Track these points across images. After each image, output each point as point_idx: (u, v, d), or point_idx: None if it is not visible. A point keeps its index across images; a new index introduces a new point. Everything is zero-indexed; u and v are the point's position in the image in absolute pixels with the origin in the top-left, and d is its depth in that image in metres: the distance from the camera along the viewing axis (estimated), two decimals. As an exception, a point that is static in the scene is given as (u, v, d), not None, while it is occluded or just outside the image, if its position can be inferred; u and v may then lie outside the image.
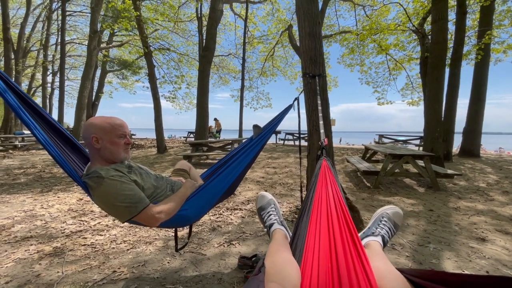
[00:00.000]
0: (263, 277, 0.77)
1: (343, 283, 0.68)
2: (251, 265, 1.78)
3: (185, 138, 16.31)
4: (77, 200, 3.52)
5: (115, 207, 1.12)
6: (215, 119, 14.64)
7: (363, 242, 1.02)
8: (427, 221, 2.79)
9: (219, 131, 14.45)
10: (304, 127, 2.67)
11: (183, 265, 1.86)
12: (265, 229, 1.22)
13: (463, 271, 1.81)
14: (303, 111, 2.60)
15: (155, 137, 9.69)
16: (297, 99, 2.07)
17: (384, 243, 1.03)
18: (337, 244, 0.80)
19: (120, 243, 2.22)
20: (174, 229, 1.79)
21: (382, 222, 1.10)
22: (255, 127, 1.78)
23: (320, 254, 0.79)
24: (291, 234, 1.08)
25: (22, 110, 1.10)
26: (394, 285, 0.68)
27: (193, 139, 12.27)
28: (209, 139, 9.84)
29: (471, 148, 7.77)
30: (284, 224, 1.20)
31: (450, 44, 7.64)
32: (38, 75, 20.10)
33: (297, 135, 11.02)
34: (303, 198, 1.14)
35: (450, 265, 1.90)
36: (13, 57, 13.05)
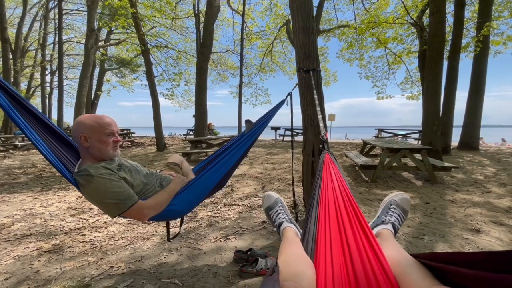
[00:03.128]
0: (277, 277, 0.76)
1: (358, 274, 0.69)
2: (246, 259, 1.81)
3: (184, 136, 16.33)
4: (77, 198, 3.55)
5: (104, 204, 1.15)
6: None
7: (374, 231, 1.01)
8: (423, 213, 2.81)
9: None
10: (299, 122, 2.68)
11: (179, 260, 1.89)
12: (275, 229, 1.20)
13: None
14: (297, 106, 2.61)
15: (154, 135, 9.72)
16: (290, 94, 2.08)
17: (395, 230, 1.02)
18: (348, 236, 0.80)
19: (118, 240, 2.25)
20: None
21: (391, 209, 1.09)
22: (248, 122, 1.79)
23: (332, 247, 0.79)
24: (301, 231, 1.07)
25: (12, 109, 1.11)
26: (410, 271, 0.67)
27: (192, 136, 12.28)
28: (208, 136, 9.84)
29: (469, 141, 7.77)
30: (293, 221, 1.19)
31: (449, 37, 7.59)
32: (37, 75, 20.06)
33: (296, 131, 11.02)
34: (311, 193, 1.13)
35: (443, 256, 1.92)
36: (11, 57, 13.02)
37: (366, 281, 0.67)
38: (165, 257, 1.93)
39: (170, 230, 1.95)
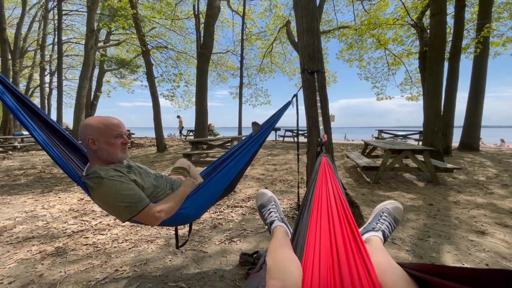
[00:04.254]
0: (264, 274, 0.78)
1: (345, 279, 0.69)
2: (252, 262, 1.79)
3: (184, 137, 16.30)
4: (78, 200, 3.53)
5: (115, 207, 1.12)
6: (178, 116, 14.90)
7: (364, 237, 1.02)
8: (427, 215, 2.81)
9: (181, 130, 14.64)
10: (303, 123, 2.67)
11: (184, 263, 1.87)
12: (266, 227, 1.22)
13: (463, 264, 1.83)
14: (302, 108, 2.60)
15: (154, 136, 9.69)
16: (295, 95, 2.07)
17: (385, 238, 1.03)
18: (337, 240, 0.80)
19: (122, 242, 2.23)
20: (174, 227, 1.80)
21: (383, 217, 1.11)
22: (254, 124, 1.78)
23: (321, 250, 0.79)
24: (292, 231, 1.08)
25: (21, 112, 1.10)
26: (395, 279, 0.69)
27: (192, 137, 12.26)
28: (208, 137, 9.83)
29: (470, 142, 7.77)
30: (284, 221, 1.21)
31: (449, 38, 7.61)
32: (36, 76, 19.98)
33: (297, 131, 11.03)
34: (305, 195, 1.14)
35: (450, 258, 1.91)
36: (10, 57, 12.96)
37: (352, 286, 0.67)
38: (170, 260, 1.91)
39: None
